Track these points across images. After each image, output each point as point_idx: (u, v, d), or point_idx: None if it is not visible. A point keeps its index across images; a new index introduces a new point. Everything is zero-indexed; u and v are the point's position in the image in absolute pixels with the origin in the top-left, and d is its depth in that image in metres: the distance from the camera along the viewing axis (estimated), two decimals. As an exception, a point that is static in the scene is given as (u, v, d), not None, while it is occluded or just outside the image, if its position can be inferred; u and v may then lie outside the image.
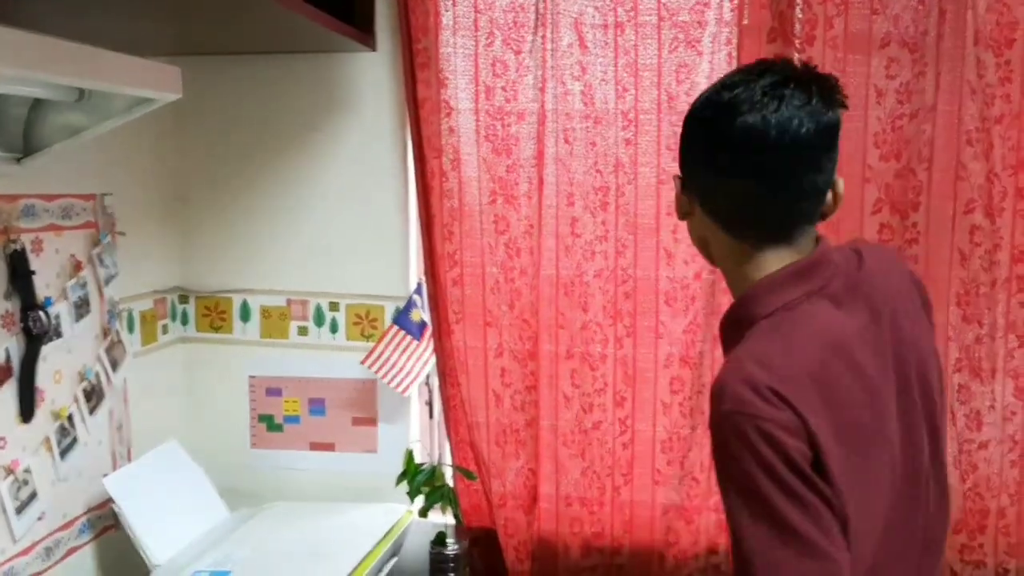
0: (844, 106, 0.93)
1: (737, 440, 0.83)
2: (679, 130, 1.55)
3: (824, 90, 0.91)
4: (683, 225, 1.59)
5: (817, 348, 0.89)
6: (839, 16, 1.49)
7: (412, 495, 1.57)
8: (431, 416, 1.79)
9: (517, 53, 1.58)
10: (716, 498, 1.65)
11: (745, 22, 1.53)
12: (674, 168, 1.57)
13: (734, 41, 1.54)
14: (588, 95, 1.58)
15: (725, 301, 1.58)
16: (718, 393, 0.86)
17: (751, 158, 0.91)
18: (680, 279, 1.61)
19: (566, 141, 1.59)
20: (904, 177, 1.52)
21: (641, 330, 1.63)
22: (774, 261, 0.95)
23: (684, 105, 1.56)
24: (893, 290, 0.98)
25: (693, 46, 1.55)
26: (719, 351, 1.59)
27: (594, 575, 1.69)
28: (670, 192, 1.58)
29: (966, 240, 1.52)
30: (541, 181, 1.59)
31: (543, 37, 1.56)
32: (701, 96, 0.98)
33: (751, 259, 0.96)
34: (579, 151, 1.59)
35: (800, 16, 1.50)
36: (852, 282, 0.95)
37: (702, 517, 1.66)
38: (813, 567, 0.81)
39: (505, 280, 1.63)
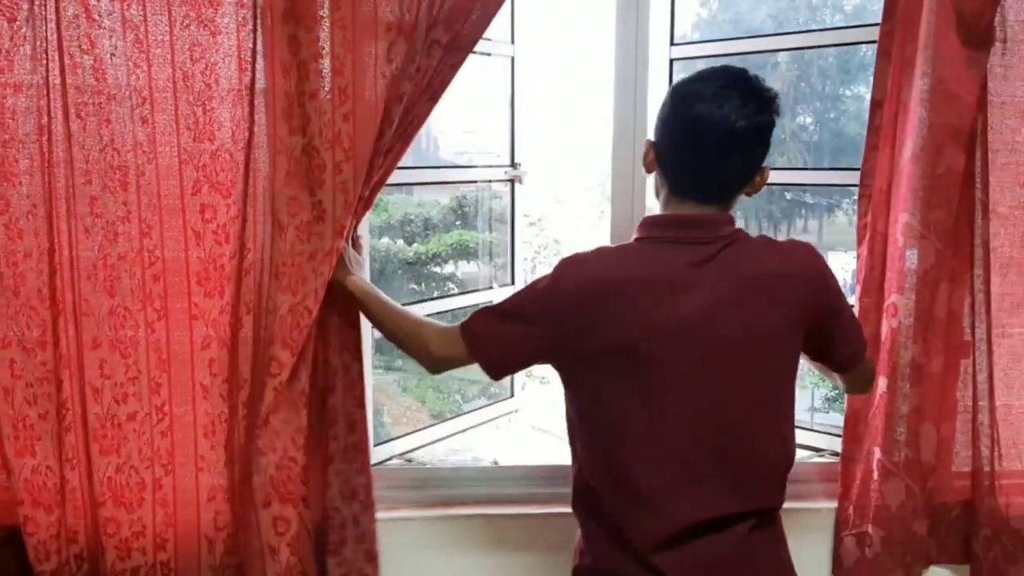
0: (776, 113, 1.27)
1: (550, 274, 1.32)
2: (197, 110, 1.56)
3: (759, 97, 1.25)
4: (212, 205, 1.61)
5: (623, 273, 1.27)
6: (345, -2, 1.52)
7: None
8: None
9: (11, 21, 1.48)
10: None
11: (260, 3, 1.54)
12: (194, 147, 1.57)
13: (251, 23, 1.54)
14: (99, 70, 1.52)
15: (250, 282, 1.60)
16: (568, 256, 1.32)
17: (695, 137, 1.26)
18: (212, 259, 1.60)
19: (78, 116, 1.52)
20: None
21: (174, 312, 1.60)
22: (678, 210, 1.32)
23: (201, 84, 1.55)
24: (761, 271, 1.28)
25: (207, 25, 1.54)
26: (244, 332, 1.61)
27: (136, 577, 1.63)
28: (194, 172, 1.57)
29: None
30: (48, 158, 1.51)
31: (42, 6, 1.48)
32: (674, 85, 1.31)
33: (669, 204, 1.33)
34: (94, 128, 1.53)
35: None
36: (723, 257, 1.26)
37: (237, 501, 1.65)
38: None
39: (7, 264, 1.53)
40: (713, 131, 1.24)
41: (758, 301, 1.26)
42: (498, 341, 1.36)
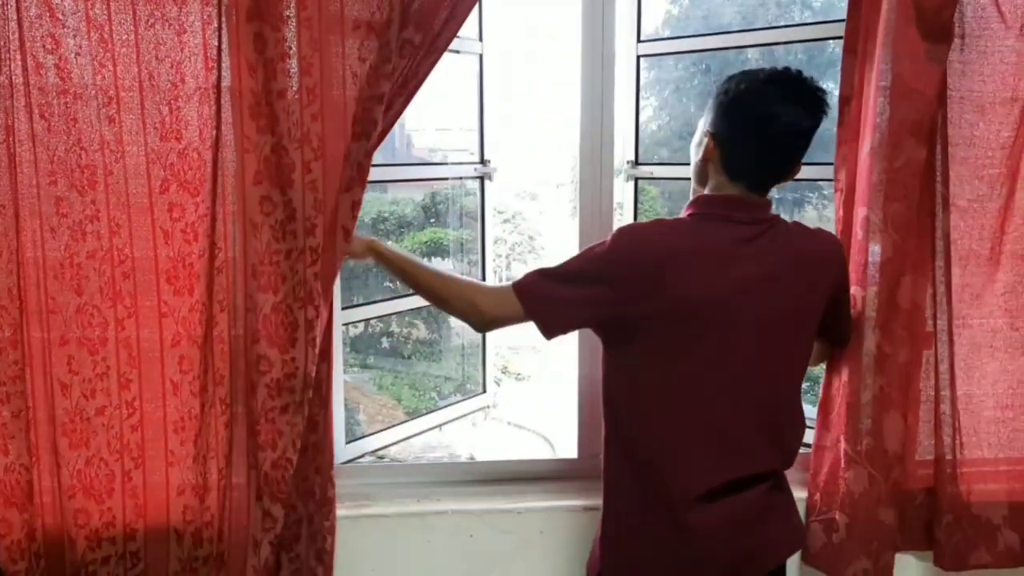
0: (826, 113, 1.40)
1: (609, 240, 1.41)
2: (164, 109, 1.56)
3: (819, 99, 1.39)
4: (180, 204, 1.61)
5: (680, 242, 1.39)
6: (312, -4, 1.53)
7: None
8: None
9: (-25, 21, 1.48)
10: (223, 482, 1.67)
11: (225, 1, 1.54)
12: (161, 146, 1.58)
13: (215, 21, 1.54)
14: (64, 69, 1.52)
15: (223, 280, 1.61)
16: (627, 225, 1.45)
17: (766, 131, 1.38)
18: (181, 258, 1.60)
19: (42, 117, 1.52)
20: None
21: (143, 310, 1.61)
22: (730, 191, 1.44)
23: (167, 83, 1.55)
24: (798, 253, 1.45)
25: (172, 24, 1.54)
26: (219, 330, 1.62)
27: (106, 567, 1.64)
28: (162, 171, 1.58)
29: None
30: (13, 158, 1.51)
31: (4, 5, 1.48)
32: (742, 84, 1.40)
33: (720, 187, 1.44)
34: (59, 127, 1.53)
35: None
36: (767, 236, 1.41)
37: (211, 497, 1.67)
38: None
39: (-23, 264, 1.53)
40: (785, 130, 1.38)
41: (795, 279, 1.43)
42: (555, 302, 1.43)
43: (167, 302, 1.61)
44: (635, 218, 2.05)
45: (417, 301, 2.12)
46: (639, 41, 1.91)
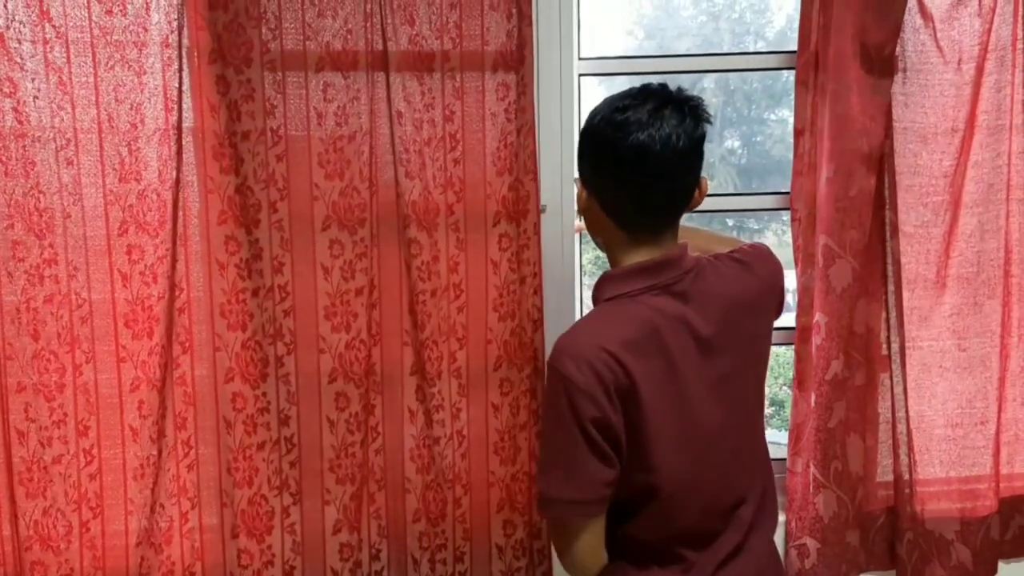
0: (709, 122, 1.19)
1: (550, 390, 1.16)
2: (123, 150, 1.54)
3: (693, 110, 1.17)
4: (139, 246, 1.59)
5: (617, 340, 1.15)
6: (274, 40, 1.55)
7: None
8: None
9: (-70, 66, 1.46)
10: (189, 525, 1.64)
11: (186, 43, 1.54)
12: (120, 188, 1.56)
13: (176, 63, 1.54)
14: (22, 113, 1.50)
15: (185, 321, 1.60)
16: (553, 350, 1.17)
17: (642, 166, 1.15)
18: (140, 300, 1.58)
19: (0, 161, 1.50)
20: (348, 195, 1.61)
21: (101, 355, 1.58)
22: (636, 254, 1.22)
23: (126, 124, 1.54)
24: (738, 292, 1.26)
25: (132, 66, 1.53)
26: (180, 372, 1.61)
27: (65, 620, 1.60)
28: (120, 213, 1.56)
29: (408, 252, 1.64)
30: (-31, 204, 1.49)
31: (-40, 50, 1.46)
32: (597, 115, 1.18)
33: (625, 249, 1.22)
34: (16, 171, 1.51)
35: (236, 39, 1.54)
36: (696, 290, 1.21)
37: (172, 546, 1.64)
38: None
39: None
40: (660, 156, 1.14)
41: (744, 317, 1.26)
42: (575, 485, 1.18)
43: (125, 346, 1.59)
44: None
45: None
46: (579, 58, 1.94)
